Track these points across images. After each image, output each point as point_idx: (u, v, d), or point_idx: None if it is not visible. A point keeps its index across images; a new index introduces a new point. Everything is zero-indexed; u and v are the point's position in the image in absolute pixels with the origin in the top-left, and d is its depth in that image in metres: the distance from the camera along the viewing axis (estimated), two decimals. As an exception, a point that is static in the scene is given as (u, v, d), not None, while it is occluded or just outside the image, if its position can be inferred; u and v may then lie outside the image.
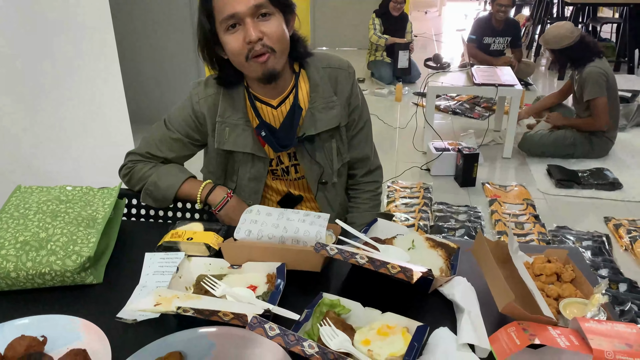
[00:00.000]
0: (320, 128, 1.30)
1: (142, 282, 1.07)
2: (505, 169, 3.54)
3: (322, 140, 1.34)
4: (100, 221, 1.15)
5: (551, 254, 1.10)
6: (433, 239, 1.15)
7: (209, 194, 1.30)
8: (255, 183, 1.35)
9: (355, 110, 1.37)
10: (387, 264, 0.90)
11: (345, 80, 1.33)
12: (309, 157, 1.34)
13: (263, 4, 1.13)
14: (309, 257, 1.03)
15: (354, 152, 1.41)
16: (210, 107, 1.29)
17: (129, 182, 1.37)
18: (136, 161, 1.36)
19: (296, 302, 0.97)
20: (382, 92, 5.07)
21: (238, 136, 1.29)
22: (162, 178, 1.31)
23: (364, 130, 1.41)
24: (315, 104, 1.30)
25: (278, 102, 1.29)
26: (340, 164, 1.38)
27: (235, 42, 1.16)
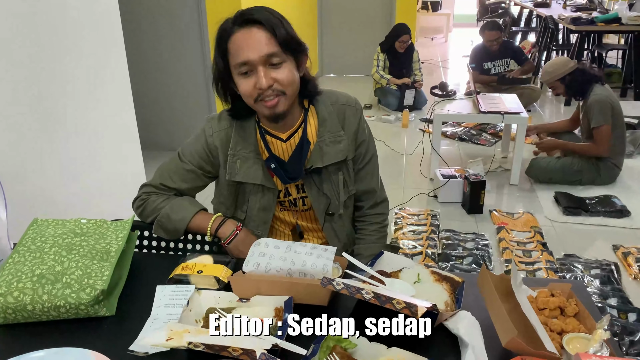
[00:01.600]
0: (327, 161, 1.35)
1: (154, 315, 1.10)
2: (513, 195, 3.55)
3: (329, 172, 1.38)
4: (113, 254, 1.18)
5: (555, 287, 1.11)
6: (438, 272, 1.17)
7: (219, 227, 1.34)
8: (264, 213, 1.39)
9: (362, 144, 1.41)
10: (392, 300, 0.93)
11: (352, 115, 1.39)
12: (317, 189, 1.38)
13: (275, 53, 1.19)
14: (316, 291, 1.06)
15: (360, 184, 1.45)
16: (222, 141, 1.35)
17: (141, 214, 1.40)
18: (150, 193, 1.40)
19: (303, 336, 0.99)
20: (389, 119, 5.13)
21: (249, 168, 1.34)
22: (175, 210, 1.35)
23: (371, 164, 1.45)
24: (323, 138, 1.35)
25: (287, 135, 1.34)
26: (346, 195, 1.42)
27: (246, 86, 1.22)
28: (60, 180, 2.01)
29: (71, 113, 2.04)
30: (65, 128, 2.02)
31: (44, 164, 1.93)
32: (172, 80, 4.13)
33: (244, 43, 1.18)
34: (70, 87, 2.02)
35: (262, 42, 1.18)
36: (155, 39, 4.00)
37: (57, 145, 1.98)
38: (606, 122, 3.35)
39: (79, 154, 2.10)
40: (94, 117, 2.17)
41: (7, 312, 1.05)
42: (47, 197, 1.94)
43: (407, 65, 5.37)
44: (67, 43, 1.98)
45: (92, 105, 2.15)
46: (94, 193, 2.21)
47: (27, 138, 1.84)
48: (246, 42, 1.18)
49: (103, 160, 2.25)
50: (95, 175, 2.20)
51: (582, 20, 5.72)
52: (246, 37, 1.18)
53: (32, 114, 1.85)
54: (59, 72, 1.96)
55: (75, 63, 2.03)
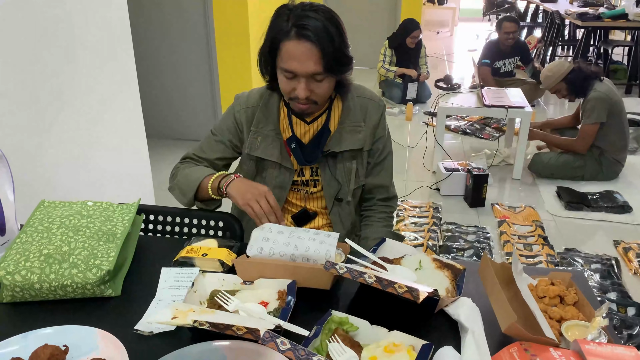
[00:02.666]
0: (344, 147, 1.41)
1: (159, 296, 1.12)
2: (515, 190, 3.56)
3: (344, 159, 1.43)
4: (119, 236, 1.20)
5: (555, 276, 1.13)
6: (440, 259, 1.18)
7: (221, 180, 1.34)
8: (280, 191, 1.44)
9: (380, 139, 1.47)
10: (394, 284, 0.94)
11: (374, 110, 1.45)
12: (330, 173, 1.42)
13: (320, 72, 1.25)
14: (319, 275, 1.07)
15: (374, 179, 1.51)
16: (248, 118, 1.42)
17: (173, 177, 1.46)
18: (186, 161, 1.47)
19: (306, 319, 1.01)
20: (393, 111, 5.13)
21: (268, 145, 1.41)
22: (194, 171, 1.40)
23: (387, 161, 1.51)
24: (344, 125, 1.41)
25: (312, 119, 1.40)
26: (356, 185, 1.46)
27: (286, 86, 1.29)
28: (65, 165, 2.03)
29: (78, 99, 2.05)
30: (72, 114, 2.03)
31: (50, 149, 1.94)
32: (177, 69, 4.14)
33: (295, 55, 1.23)
34: (79, 74, 2.03)
35: (312, 60, 1.22)
36: (162, 29, 4.00)
37: (63, 131, 2.00)
38: (597, 119, 3.36)
39: (85, 140, 2.12)
40: (101, 105, 2.18)
41: (15, 290, 1.07)
42: (52, 182, 1.96)
43: (414, 60, 5.36)
44: (77, 32, 1.99)
45: (98, 92, 2.16)
46: (99, 179, 2.22)
47: (34, 122, 1.85)
48: (297, 56, 1.22)
49: (108, 147, 2.27)
50: (100, 162, 2.22)
51: (588, 16, 5.70)
52: (298, 51, 1.22)
53: (39, 98, 1.86)
54: (68, 59, 1.97)
55: (83, 50, 2.04)
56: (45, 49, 1.87)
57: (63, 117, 1.99)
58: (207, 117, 4.22)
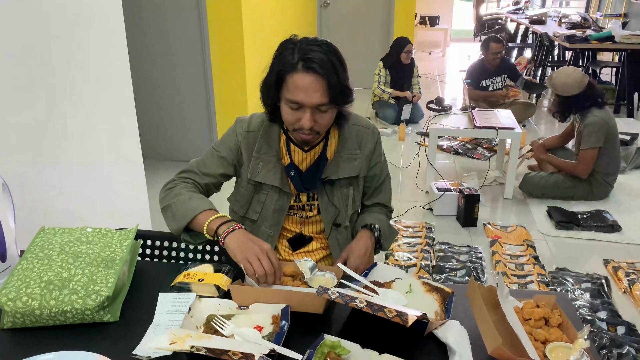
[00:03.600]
0: (341, 174, 1.47)
1: (156, 321, 1.15)
2: (507, 209, 3.61)
3: (341, 185, 1.48)
4: (118, 262, 1.23)
5: (540, 299, 1.17)
6: (429, 283, 1.22)
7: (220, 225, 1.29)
8: (278, 215, 1.48)
9: (377, 165, 1.54)
10: (384, 308, 0.98)
11: (369, 139, 1.51)
12: (327, 199, 1.47)
13: (325, 103, 1.29)
14: (312, 299, 1.11)
15: (374, 199, 1.58)
16: (249, 143, 1.45)
17: (165, 196, 1.39)
18: (185, 178, 1.43)
19: (299, 342, 1.04)
20: (386, 132, 5.20)
21: (269, 171, 1.44)
22: (192, 199, 1.35)
23: (385, 184, 1.59)
24: (340, 154, 1.47)
25: (309, 147, 1.45)
26: (353, 210, 1.51)
27: (290, 117, 1.32)
28: (60, 188, 2.06)
29: (72, 121, 2.09)
30: (66, 136, 2.07)
31: (45, 172, 1.98)
32: (173, 91, 4.20)
33: (302, 87, 1.27)
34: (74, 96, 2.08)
35: (318, 92, 1.27)
36: (158, 51, 4.08)
37: (58, 153, 2.04)
38: (595, 144, 3.42)
39: (80, 162, 2.16)
40: (96, 126, 2.23)
41: (16, 317, 1.10)
42: (47, 206, 1.99)
43: (408, 79, 5.46)
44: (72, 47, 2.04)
45: (95, 113, 2.21)
46: (95, 201, 2.25)
47: (29, 146, 1.89)
48: (304, 87, 1.27)
49: (104, 169, 2.30)
50: (96, 183, 2.25)
51: (576, 38, 5.84)
52: (305, 83, 1.26)
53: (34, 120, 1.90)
54: (62, 80, 2.02)
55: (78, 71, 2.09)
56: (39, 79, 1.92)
57: (58, 142, 2.03)
58: (203, 138, 4.28)
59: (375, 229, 1.46)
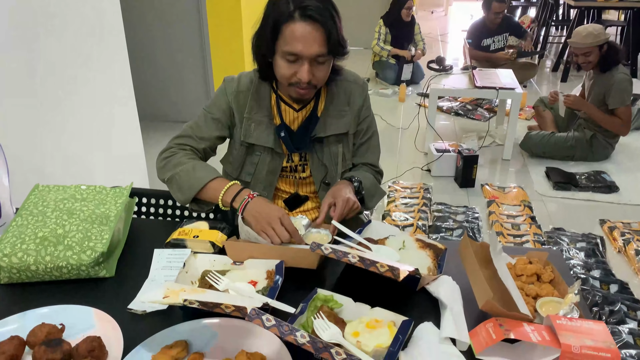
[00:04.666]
0: (329, 132, 1.43)
1: (151, 276, 1.16)
2: (505, 170, 3.61)
3: (330, 143, 1.45)
4: (112, 219, 1.23)
5: (532, 255, 1.18)
6: (422, 240, 1.23)
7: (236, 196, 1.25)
8: (271, 176, 1.46)
9: (364, 120, 1.50)
10: (376, 263, 0.98)
11: (358, 94, 1.47)
12: (317, 158, 1.45)
13: (324, 54, 1.25)
14: (305, 255, 1.11)
15: (361, 158, 1.53)
16: (239, 103, 1.41)
17: (164, 166, 1.34)
18: (181, 145, 1.38)
19: (293, 297, 1.05)
20: (386, 93, 5.14)
21: (262, 132, 1.41)
22: (197, 169, 1.31)
23: (372, 140, 1.54)
24: (329, 111, 1.43)
25: (300, 106, 1.42)
26: (343, 168, 1.48)
27: (286, 71, 1.28)
28: (55, 150, 2.05)
29: (67, 82, 2.06)
30: (61, 98, 2.04)
31: (40, 131, 1.96)
32: (169, 51, 4.12)
33: (301, 37, 1.22)
34: (68, 55, 2.04)
35: (317, 42, 1.23)
36: (154, 10, 3.98)
37: (53, 114, 2.01)
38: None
39: (75, 123, 2.14)
40: (92, 87, 2.20)
41: (12, 272, 1.10)
42: (43, 165, 1.98)
43: (409, 38, 5.35)
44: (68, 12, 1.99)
45: (90, 74, 2.17)
46: (90, 162, 2.25)
47: (26, 109, 1.87)
48: (303, 37, 1.22)
49: (101, 130, 2.29)
50: (91, 144, 2.24)
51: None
52: (304, 32, 1.22)
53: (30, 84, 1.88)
54: (57, 41, 1.98)
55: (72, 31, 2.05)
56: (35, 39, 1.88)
57: (55, 102, 2.00)
58: (199, 98, 4.23)
59: (354, 179, 1.40)
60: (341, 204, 1.27)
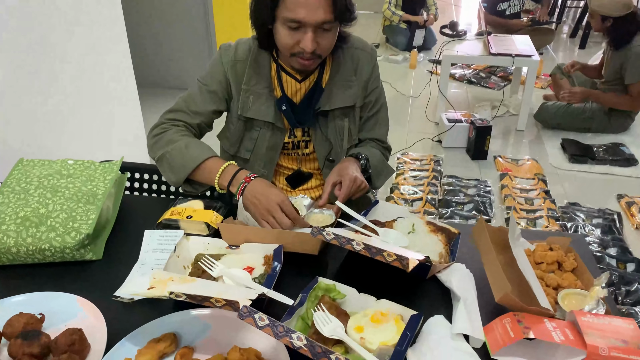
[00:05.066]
0: (335, 104, 1.31)
1: (141, 260, 1.08)
2: (519, 141, 3.48)
3: (336, 117, 1.34)
4: (100, 197, 1.15)
5: (553, 241, 1.08)
6: (434, 223, 1.13)
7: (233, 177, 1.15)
8: (272, 153, 1.35)
9: (373, 92, 1.38)
10: (383, 252, 0.89)
11: (366, 62, 1.35)
12: (321, 133, 1.34)
13: (330, 21, 1.14)
14: (306, 240, 1.03)
15: (367, 133, 1.42)
16: (237, 73, 1.29)
17: (155, 144, 1.24)
18: (174, 120, 1.27)
19: (292, 285, 0.97)
20: (397, 59, 4.96)
21: (261, 105, 1.29)
22: (190, 147, 1.20)
23: (380, 113, 1.42)
24: (334, 81, 1.31)
25: (303, 77, 1.30)
26: (349, 144, 1.38)
27: (288, 39, 1.16)
28: (49, 120, 1.95)
29: (61, 46, 1.95)
30: (55, 64, 1.94)
31: (34, 101, 1.87)
32: (169, 15, 3.97)
33: (304, 2, 1.11)
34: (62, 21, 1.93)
35: (322, 7, 1.11)
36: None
37: (48, 81, 1.92)
38: None
39: (71, 90, 2.04)
40: (86, 52, 2.08)
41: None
42: (36, 137, 1.90)
43: (421, 2, 5.13)
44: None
45: (83, 39, 2.06)
46: (87, 132, 2.16)
47: (14, 74, 1.77)
48: (306, 2, 1.10)
49: (96, 97, 2.19)
50: (87, 113, 2.15)
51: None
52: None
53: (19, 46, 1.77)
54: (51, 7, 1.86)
55: None
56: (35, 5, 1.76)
57: (46, 67, 1.90)
58: (202, 64, 4.09)
59: (361, 157, 1.30)
60: (347, 183, 1.17)
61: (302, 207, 1.17)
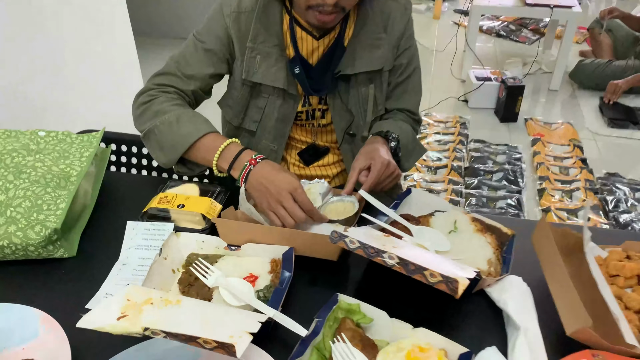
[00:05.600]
0: (359, 68, 1.08)
1: (122, 258, 0.89)
2: (552, 102, 3.20)
3: (359, 83, 1.11)
4: (74, 179, 0.95)
5: (631, 247, 0.87)
6: (481, 220, 0.92)
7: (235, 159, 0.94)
8: (282, 124, 1.13)
9: (404, 53, 1.13)
10: (423, 270, 0.69)
11: (399, 16, 1.10)
12: (340, 102, 1.11)
13: None
14: (323, 242, 0.82)
15: (395, 102, 1.18)
16: (240, 28, 1.05)
17: (141, 114, 1.02)
18: (165, 87, 1.05)
19: (304, 301, 0.79)
20: (419, 8, 4.60)
21: (270, 67, 1.06)
22: (183, 121, 0.99)
23: (412, 80, 1.17)
24: (359, 38, 1.07)
25: (321, 33, 1.06)
26: (374, 116, 1.15)
27: None
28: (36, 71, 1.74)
29: None
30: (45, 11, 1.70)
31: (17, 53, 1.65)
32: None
33: None
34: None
35: None
36: None
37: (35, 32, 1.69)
38: None
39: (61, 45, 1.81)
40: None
41: (-61, 252, 0.85)
42: (23, 93, 1.69)
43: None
44: None
45: None
46: (78, 85, 1.94)
47: None
48: None
49: (90, 49, 1.95)
50: (79, 65, 1.92)
51: None
52: None
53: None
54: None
55: None
56: None
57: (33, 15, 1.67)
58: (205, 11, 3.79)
59: (392, 137, 1.08)
60: (378, 167, 0.96)
61: (318, 196, 0.96)
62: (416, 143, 1.18)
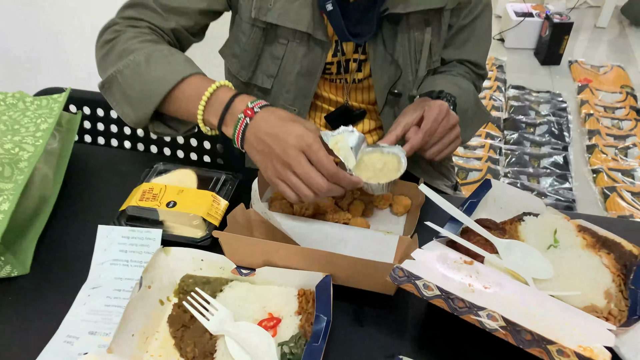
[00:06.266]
0: (413, 6, 0.79)
1: (91, 281, 0.65)
2: (600, 42, 2.84)
3: (411, 27, 0.82)
4: (25, 165, 0.69)
5: None
6: (591, 230, 0.66)
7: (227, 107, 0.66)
8: (306, 81, 0.85)
9: None
10: (546, 343, 0.44)
11: None
12: (384, 51, 0.83)
13: None
14: (375, 269, 0.57)
15: (458, 51, 0.90)
16: None
17: (105, 57, 0.76)
18: (135, 20, 0.77)
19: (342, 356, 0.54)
20: None
21: (290, 2, 0.77)
22: (155, 61, 0.71)
23: (481, 21, 0.88)
24: None
25: None
26: (428, 68, 0.86)
27: None
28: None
29: None
30: None
31: None
32: None
33: None
34: None
35: None
36: None
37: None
38: None
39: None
40: None
41: None
42: None
43: None
44: None
45: None
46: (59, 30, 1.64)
47: None
48: None
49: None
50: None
51: None
52: None
53: None
54: None
55: None
56: None
57: None
58: None
59: (449, 98, 0.79)
60: (436, 114, 0.70)
61: (349, 152, 0.68)
62: (478, 107, 0.91)
